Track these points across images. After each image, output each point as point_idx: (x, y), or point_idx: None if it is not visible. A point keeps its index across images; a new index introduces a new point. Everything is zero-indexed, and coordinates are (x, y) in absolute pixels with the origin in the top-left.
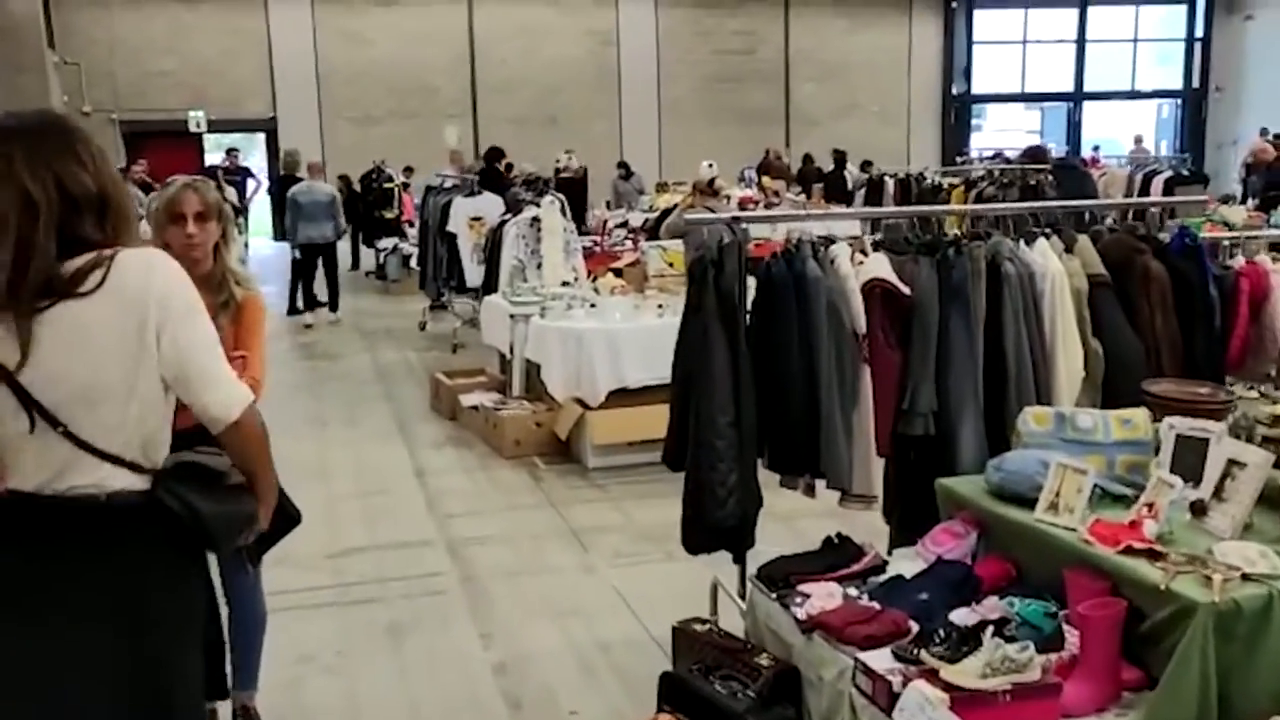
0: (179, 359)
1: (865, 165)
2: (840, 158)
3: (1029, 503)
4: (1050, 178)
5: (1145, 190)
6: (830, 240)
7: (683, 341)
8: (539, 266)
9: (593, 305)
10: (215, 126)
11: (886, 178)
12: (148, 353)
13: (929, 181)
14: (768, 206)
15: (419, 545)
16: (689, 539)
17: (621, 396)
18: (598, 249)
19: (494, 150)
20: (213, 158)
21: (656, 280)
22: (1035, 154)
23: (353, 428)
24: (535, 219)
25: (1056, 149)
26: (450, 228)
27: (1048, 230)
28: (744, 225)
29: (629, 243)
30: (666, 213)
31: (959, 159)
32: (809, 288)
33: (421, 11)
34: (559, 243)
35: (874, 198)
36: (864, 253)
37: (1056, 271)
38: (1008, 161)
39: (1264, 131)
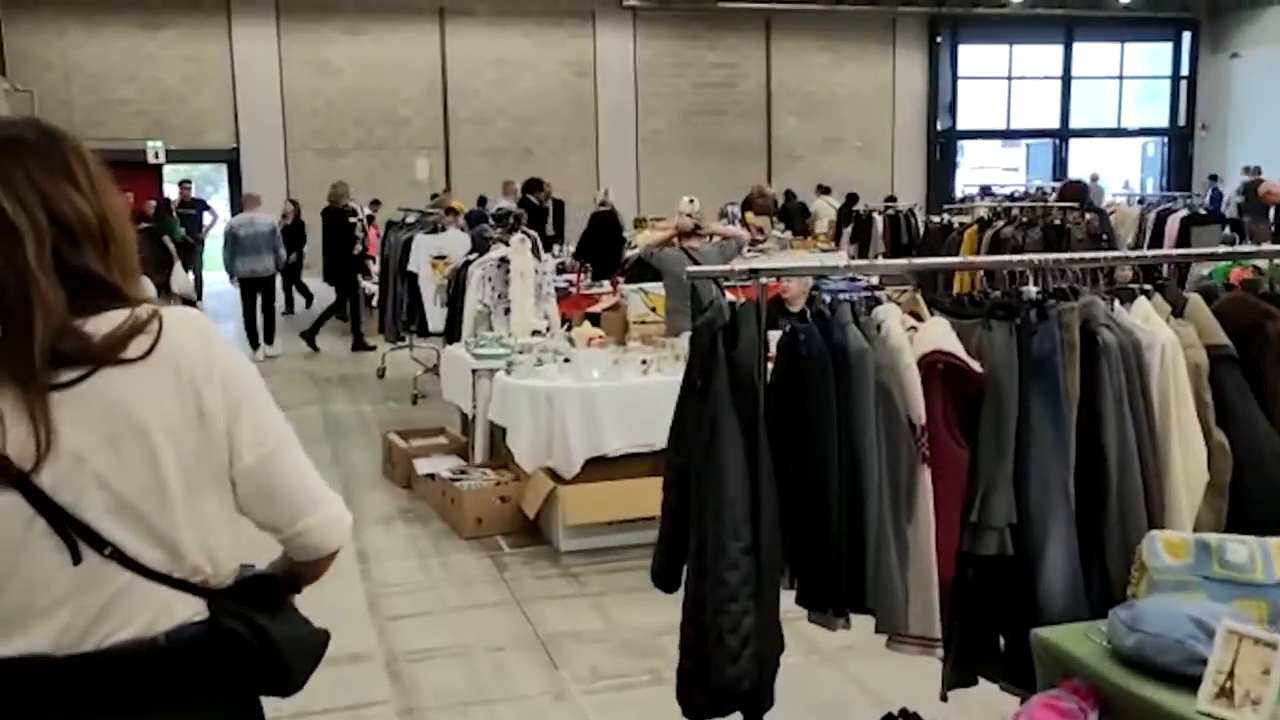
0: (265, 467)
1: (851, 200)
2: (892, 200)
3: (1181, 680)
4: (1089, 217)
5: (1159, 230)
6: (873, 297)
7: (680, 432)
8: (506, 312)
9: (566, 360)
10: (175, 157)
11: (875, 214)
12: (213, 444)
13: (941, 219)
14: (753, 244)
15: (353, 661)
16: (689, 700)
17: (599, 467)
18: (573, 290)
19: (532, 181)
20: (173, 190)
21: (638, 328)
22: (1075, 191)
23: None
24: (503, 259)
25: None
26: (411, 266)
27: (1147, 287)
28: (763, 278)
29: (606, 284)
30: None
31: (959, 197)
32: (851, 364)
33: (391, 40)
34: (529, 286)
35: (861, 236)
36: (916, 315)
37: (1168, 342)
38: (1027, 198)
39: (1247, 169)
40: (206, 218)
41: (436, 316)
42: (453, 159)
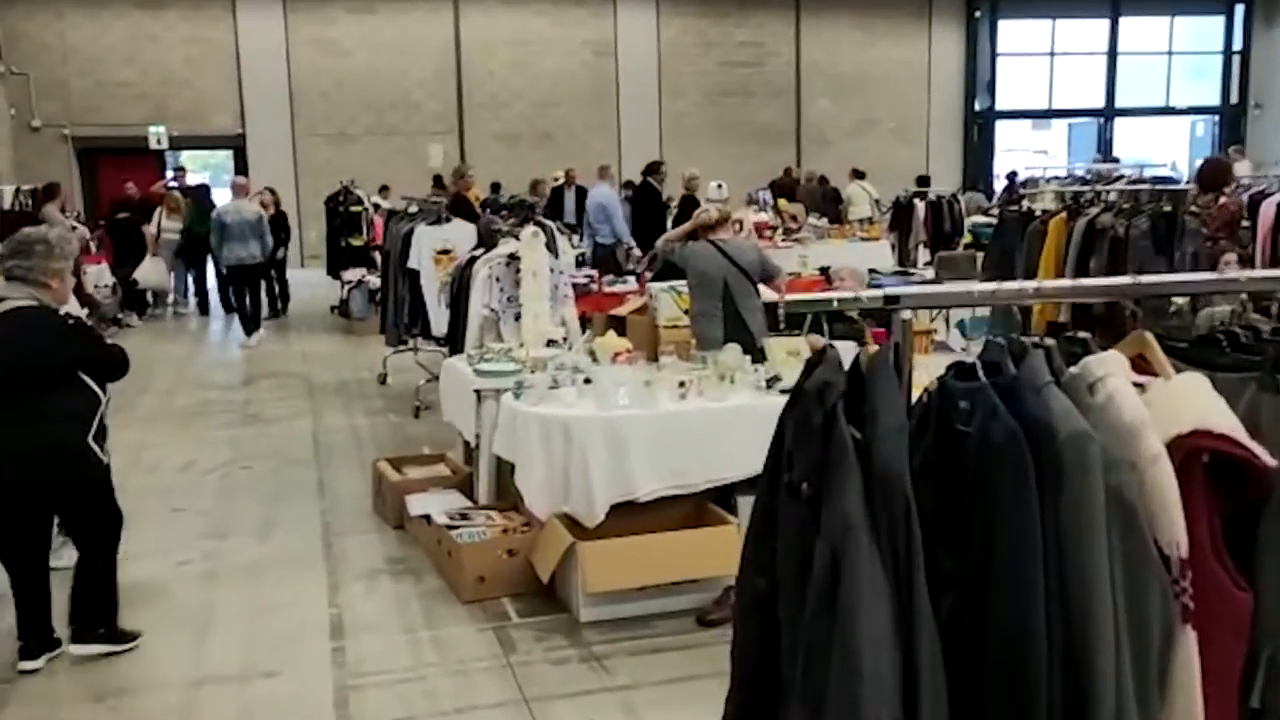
0: None
1: (922, 181)
2: (924, 180)
3: None
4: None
5: (1252, 217)
6: (1079, 344)
7: (763, 547)
8: (517, 318)
9: (587, 380)
10: (178, 143)
11: (916, 200)
12: None
13: (1018, 206)
14: (787, 233)
15: None
16: None
17: (628, 513)
18: (594, 287)
19: (652, 165)
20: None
21: (669, 334)
22: (1217, 172)
23: (261, 542)
24: (513, 256)
25: (1085, 167)
26: (412, 263)
27: None
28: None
29: (631, 279)
30: (602, 246)
31: (1013, 181)
32: (1061, 457)
33: (403, 20)
34: (543, 287)
35: (901, 224)
36: (1145, 363)
37: None
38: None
39: None
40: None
41: (441, 318)
42: (468, 144)
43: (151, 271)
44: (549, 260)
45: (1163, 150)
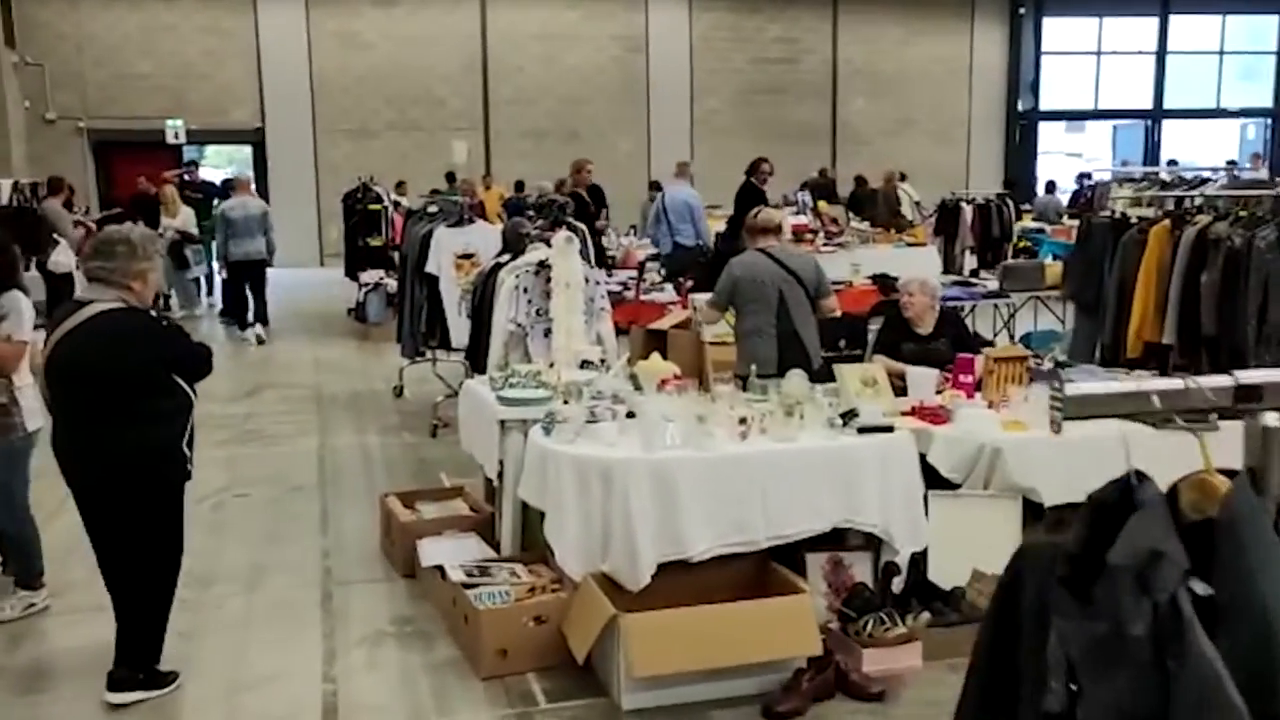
0: None
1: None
2: (1010, 182)
3: None
4: None
5: None
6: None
7: None
8: (547, 334)
9: (630, 414)
10: (195, 137)
11: (963, 204)
12: None
13: (1111, 212)
14: (828, 237)
15: None
16: None
17: (679, 575)
18: (628, 293)
19: (755, 164)
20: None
21: (715, 351)
22: None
23: (250, 591)
24: (543, 264)
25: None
26: (430, 268)
27: None
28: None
29: (669, 288)
30: (682, 248)
31: (1084, 184)
32: None
33: (428, 13)
34: (577, 300)
35: (947, 228)
36: None
37: None
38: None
39: None
40: (216, 203)
41: (462, 328)
42: (493, 142)
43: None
44: (584, 269)
45: (1212, 153)
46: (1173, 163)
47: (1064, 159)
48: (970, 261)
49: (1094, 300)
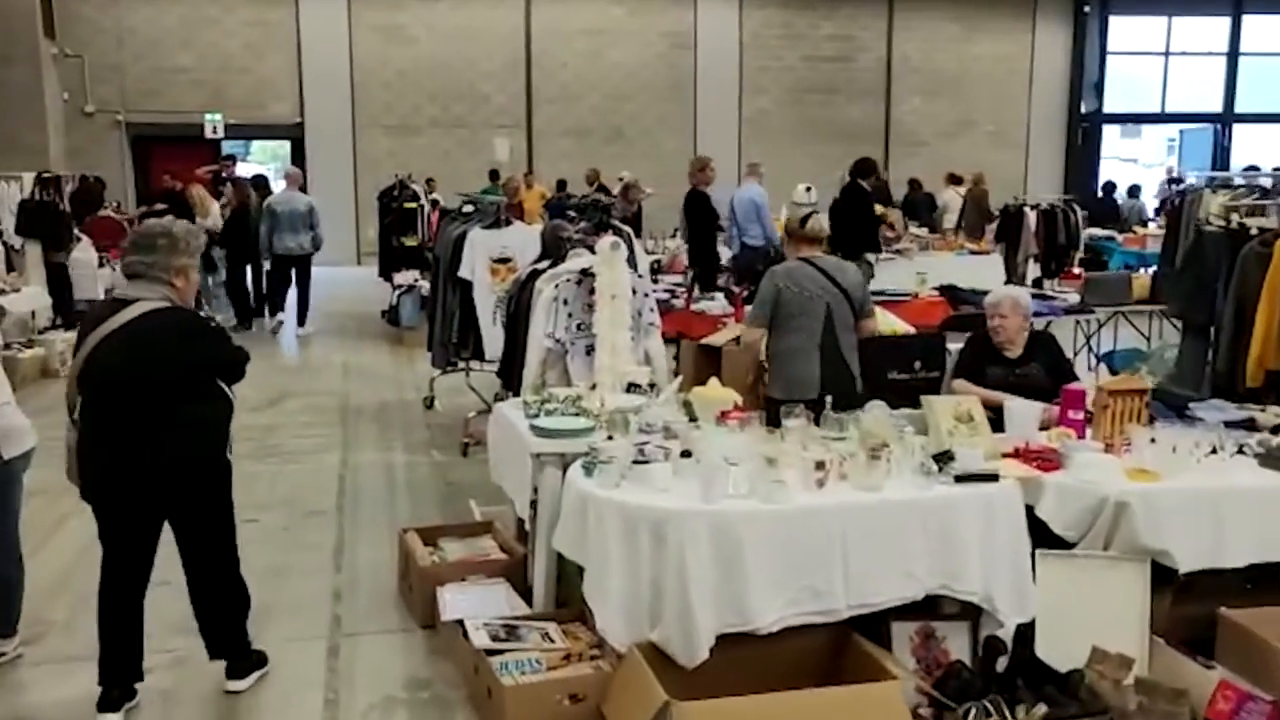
0: None
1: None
2: (1111, 185)
3: None
4: None
5: None
6: None
7: None
8: (589, 352)
9: (686, 453)
10: (234, 131)
11: (1026, 209)
12: None
13: (1226, 221)
14: (885, 244)
15: None
16: None
17: (742, 648)
18: (676, 302)
19: (863, 163)
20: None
21: None
22: None
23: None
24: (586, 272)
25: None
26: (464, 272)
27: None
28: None
29: (720, 296)
30: (749, 249)
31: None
32: None
33: (472, 7)
34: (623, 314)
35: (1010, 234)
36: None
37: None
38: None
39: None
40: (252, 199)
41: (496, 338)
42: (535, 140)
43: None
44: (631, 279)
45: None
46: (1252, 168)
47: (1119, 164)
48: (1034, 270)
49: (1206, 321)
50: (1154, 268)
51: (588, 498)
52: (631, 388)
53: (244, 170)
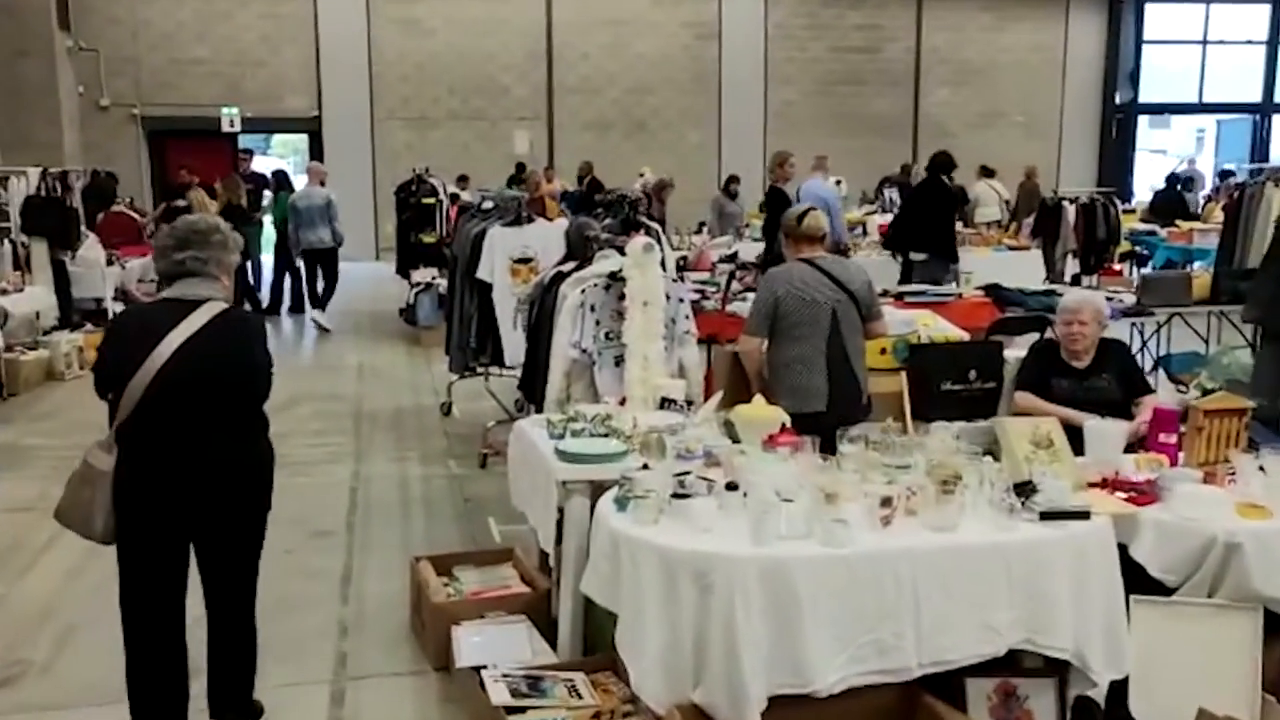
0: None
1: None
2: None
3: None
4: None
5: None
6: None
7: None
8: (618, 363)
9: (732, 485)
10: (251, 125)
11: (1065, 203)
12: None
13: None
14: None
15: None
16: None
17: (799, 711)
18: (707, 303)
19: (942, 157)
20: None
21: None
22: None
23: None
24: (615, 276)
25: (1238, 168)
26: (482, 273)
27: None
28: None
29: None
30: (773, 253)
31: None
32: None
33: None
34: (656, 323)
35: (1048, 229)
36: None
37: None
38: None
39: None
40: (266, 195)
41: (517, 343)
42: (556, 132)
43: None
44: (665, 283)
45: None
46: None
47: (1148, 155)
48: (1073, 266)
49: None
50: (1202, 264)
51: (620, 537)
52: (666, 404)
53: (263, 165)
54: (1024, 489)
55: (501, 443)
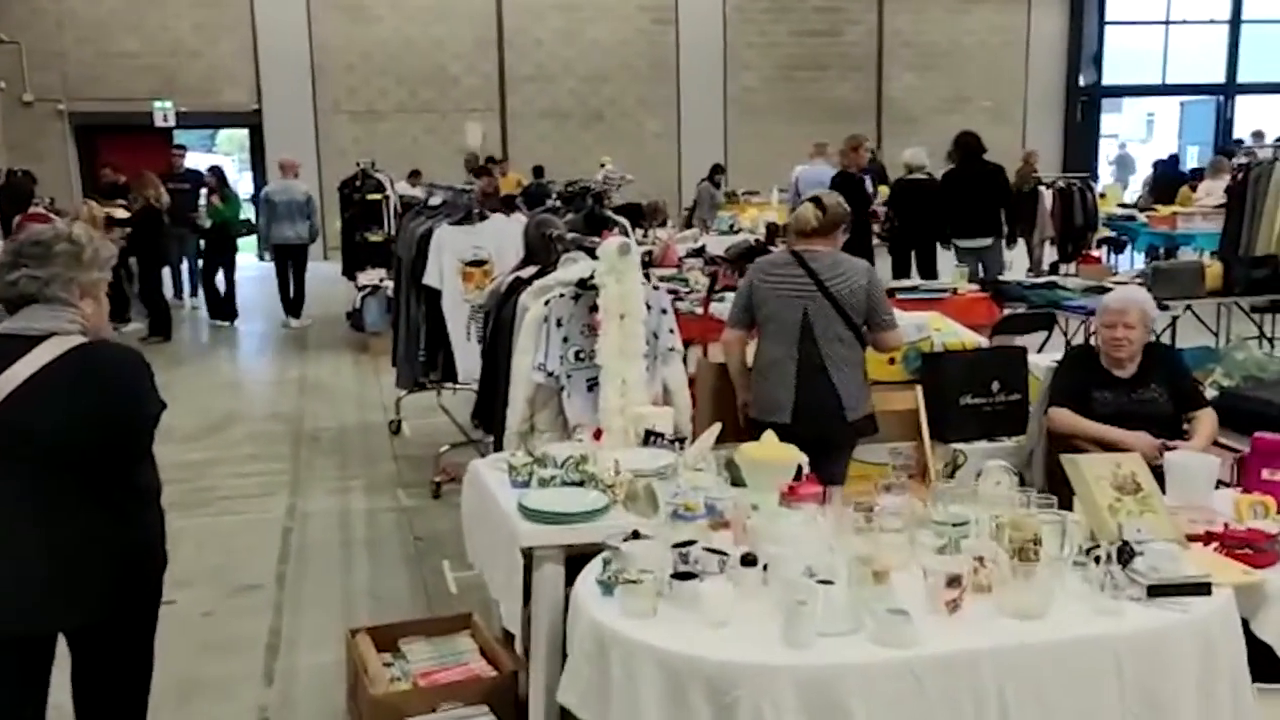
0: None
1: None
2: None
3: None
4: None
5: None
6: None
7: None
8: (591, 388)
9: (748, 559)
10: (186, 120)
11: (1041, 188)
12: None
13: None
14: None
15: None
16: None
17: None
18: (681, 304)
19: (968, 139)
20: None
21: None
22: None
23: None
24: (584, 283)
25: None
26: (429, 278)
27: None
28: None
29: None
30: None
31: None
32: None
33: None
34: (637, 340)
35: (1024, 215)
36: None
37: None
38: None
39: None
40: (203, 194)
41: (471, 356)
42: (509, 124)
43: None
44: (644, 291)
45: None
46: (1259, 135)
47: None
48: (1050, 254)
49: None
50: (1188, 248)
51: (608, 635)
52: (651, 438)
53: (196, 161)
54: (1125, 554)
55: (457, 467)
